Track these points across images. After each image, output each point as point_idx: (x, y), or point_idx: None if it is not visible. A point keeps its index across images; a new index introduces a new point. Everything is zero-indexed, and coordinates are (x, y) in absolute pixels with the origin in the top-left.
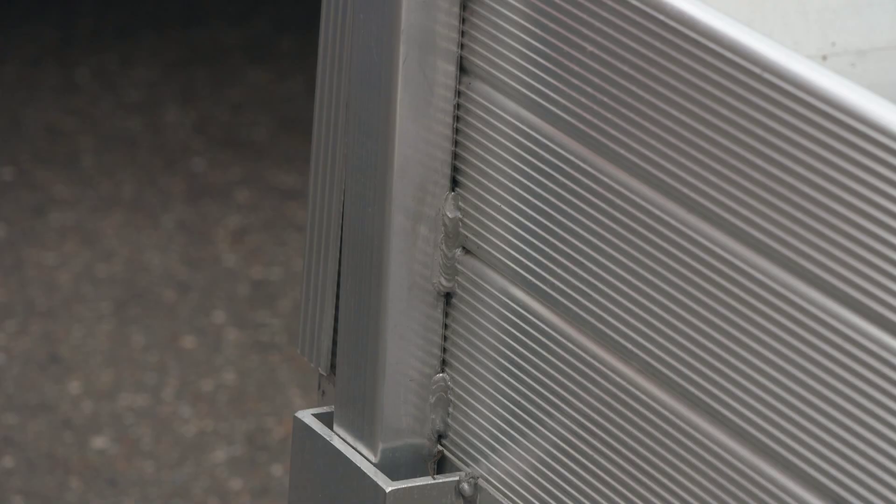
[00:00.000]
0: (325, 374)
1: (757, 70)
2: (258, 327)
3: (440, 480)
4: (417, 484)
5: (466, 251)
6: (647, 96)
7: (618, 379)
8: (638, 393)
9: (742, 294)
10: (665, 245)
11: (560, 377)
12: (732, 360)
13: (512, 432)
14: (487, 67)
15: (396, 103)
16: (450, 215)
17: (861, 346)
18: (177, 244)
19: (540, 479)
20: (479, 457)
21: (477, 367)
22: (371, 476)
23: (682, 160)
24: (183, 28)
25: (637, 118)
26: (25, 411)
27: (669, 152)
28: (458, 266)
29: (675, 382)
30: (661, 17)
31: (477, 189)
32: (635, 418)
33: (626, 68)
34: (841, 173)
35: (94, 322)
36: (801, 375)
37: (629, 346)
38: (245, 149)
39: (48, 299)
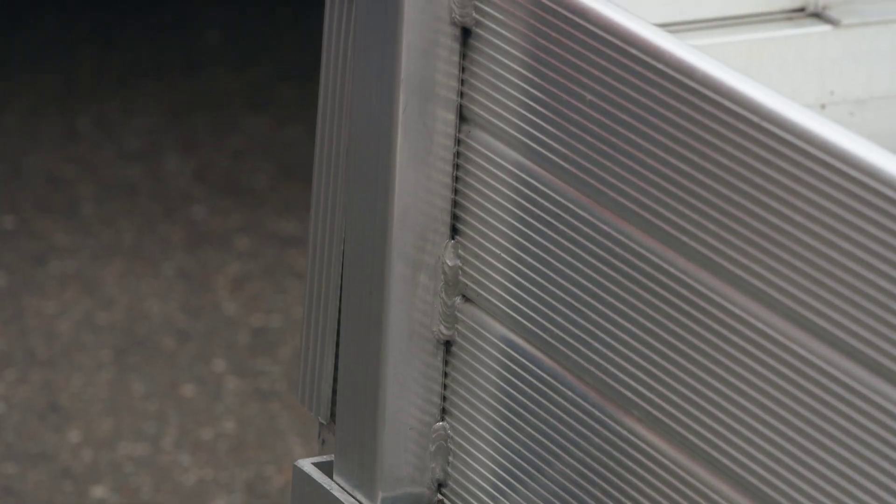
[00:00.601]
0: (325, 422)
1: (755, 119)
2: (258, 375)
3: None
4: None
5: (466, 299)
6: (646, 144)
7: (618, 428)
8: (638, 442)
9: (741, 342)
10: (664, 293)
11: (560, 426)
12: (733, 409)
13: (512, 481)
14: (487, 116)
15: (396, 151)
16: (449, 263)
17: (863, 397)
18: (177, 292)
19: None
20: None
21: (477, 416)
22: None
23: (682, 208)
24: (184, 75)
25: (636, 166)
26: (25, 460)
27: (668, 200)
28: (458, 314)
29: (675, 431)
30: (660, 66)
31: (477, 237)
32: (635, 467)
33: (625, 116)
34: (840, 222)
35: (93, 370)
36: (802, 425)
37: (629, 394)
38: (245, 196)
39: (48, 348)
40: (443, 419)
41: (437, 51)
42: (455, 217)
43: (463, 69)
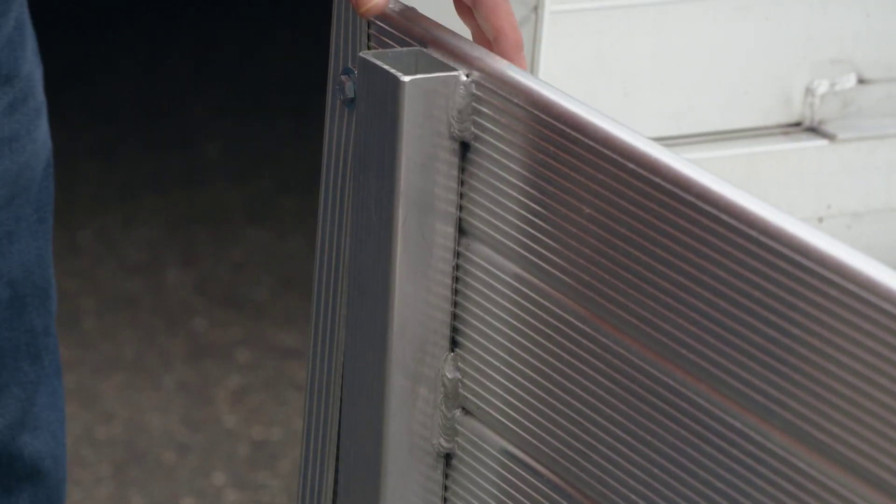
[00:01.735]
0: None
1: (753, 233)
2: (258, 489)
3: None
4: None
5: (466, 412)
6: (644, 258)
7: None
8: None
9: (742, 456)
10: (664, 406)
11: None
12: None
13: None
14: (486, 229)
15: (396, 264)
16: (449, 376)
17: None
18: (177, 405)
19: None
20: None
21: None
22: None
23: (680, 321)
24: (184, 189)
25: (634, 279)
26: None
27: (667, 314)
28: (458, 427)
29: None
30: (657, 180)
31: (476, 349)
32: None
33: (622, 230)
34: (838, 336)
35: (92, 485)
36: None
37: None
38: (246, 308)
39: None
40: None
41: (436, 165)
42: (454, 329)
43: (462, 183)
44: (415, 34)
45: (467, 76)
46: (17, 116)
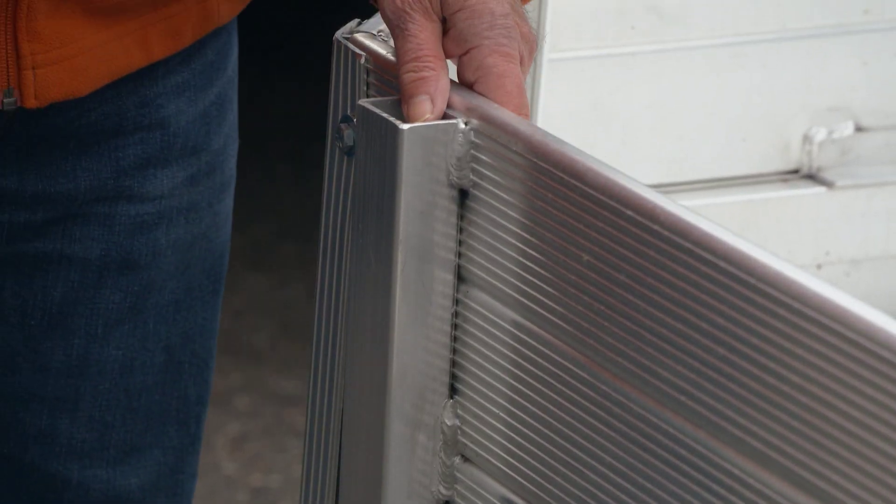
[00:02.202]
0: None
1: (752, 280)
2: None
3: None
4: None
5: (465, 459)
6: (642, 304)
7: None
8: None
9: (740, 503)
10: (663, 453)
11: None
12: None
13: None
14: (485, 276)
15: (395, 311)
16: (448, 423)
17: None
18: None
19: None
20: None
21: None
22: None
23: (679, 368)
24: None
25: (633, 326)
26: None
27: (666, 360)
28: (457, 474)
29: None
30: (656, 227)
31: (475, 396)
32: None
33: (621, 277)
34: (836, 382)
35: None
36: None
37: None
38: (245, 355)
39: None
40: None
41: (434, 212)
42: (454, 376)
43: (461, 230)
44: None
45: (466, 124)
46: (199, 188)
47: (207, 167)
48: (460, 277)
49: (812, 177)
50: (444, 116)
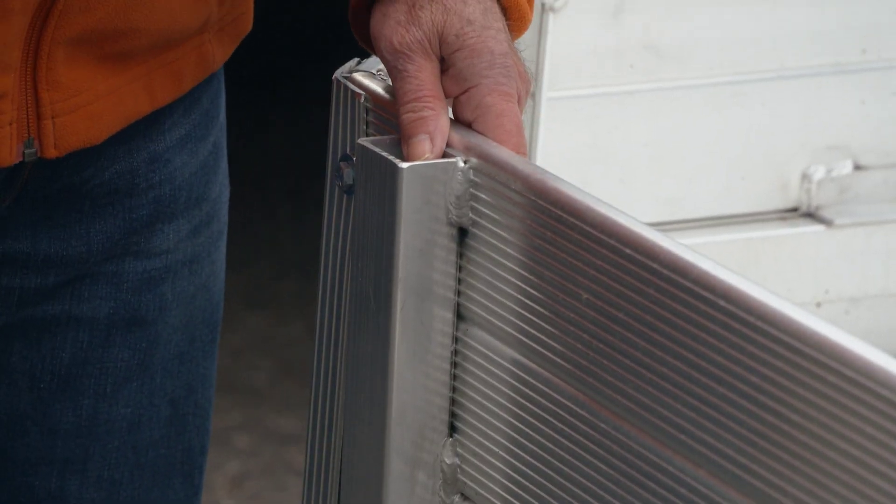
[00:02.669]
0: None
1: (751, 318)
2: None
3: None
4: None
5: (465, 497)
6: (641, 343)
7: None
8: None
9: None
10: (663, 492)
11: None
12: None
13: None
14: (484, 314)
15: (394, 349)
16: (448, 461)
17: None
18: None
19: None
20: None
21: None
22: None
23: (678, 407)
24: None
25: (633, 365)
26: None
27: (665, 399)
28: None
29: None
30: (655, 266)
31: (475, 435)
32: None
33: (620, 315)
34: (836, 421)
35: None
36: None
37: None
38: (244, 394)
39: None
40: None
41: (434, 250)
42: (453, 415)
43: (460, 268)
44: None
45: (465, 162)
46: (200, 239)
47: (207, 217)
48: (460, 316)
49: (811, 215)
50: (444, 155)
